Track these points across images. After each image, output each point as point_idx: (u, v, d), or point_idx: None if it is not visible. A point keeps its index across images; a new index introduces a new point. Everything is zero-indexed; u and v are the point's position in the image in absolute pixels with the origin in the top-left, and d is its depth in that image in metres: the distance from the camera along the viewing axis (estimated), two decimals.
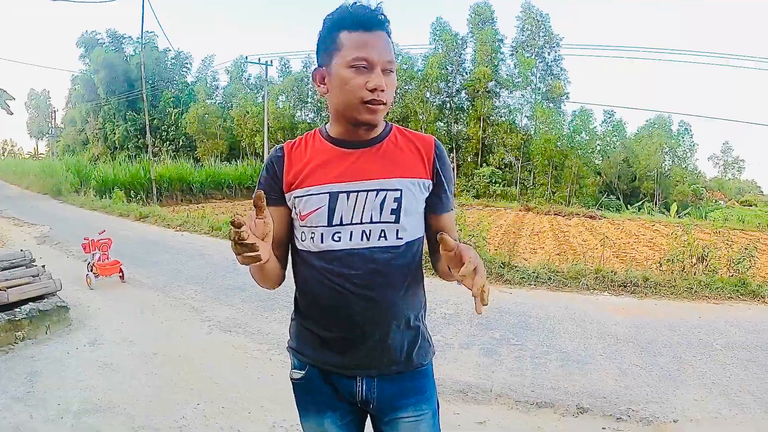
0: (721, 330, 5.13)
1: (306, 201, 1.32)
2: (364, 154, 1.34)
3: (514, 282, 6.89)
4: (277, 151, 1.41)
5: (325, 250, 1.31)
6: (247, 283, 6.47)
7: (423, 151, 1.39)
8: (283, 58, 39.50)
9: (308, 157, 1.37)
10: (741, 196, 42.32)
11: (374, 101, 1.25)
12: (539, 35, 32.97)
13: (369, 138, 1.36)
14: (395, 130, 1.41)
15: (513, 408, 3.46)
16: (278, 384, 3.67)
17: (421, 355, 1.44)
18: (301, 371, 1.44)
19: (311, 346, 1.42)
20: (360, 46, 1.24)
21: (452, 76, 34.42)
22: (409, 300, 1.38)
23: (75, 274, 6.41)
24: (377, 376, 1.39)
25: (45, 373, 3.71)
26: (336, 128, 1.37)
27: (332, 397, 1.42)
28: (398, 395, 1.41)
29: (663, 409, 3.45)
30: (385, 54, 1.25)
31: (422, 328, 1.46)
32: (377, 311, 1.32)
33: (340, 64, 1.27)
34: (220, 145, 38.16)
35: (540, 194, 30.27)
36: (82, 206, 15.84)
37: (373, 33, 1.25)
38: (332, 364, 1.39)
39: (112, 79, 41.55)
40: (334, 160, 1.34)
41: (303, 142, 1.41)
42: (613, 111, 35.00)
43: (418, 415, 1.43)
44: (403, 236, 1.33)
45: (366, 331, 1.33)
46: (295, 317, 1.49)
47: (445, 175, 1.40)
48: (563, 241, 12.76)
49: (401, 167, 1.35)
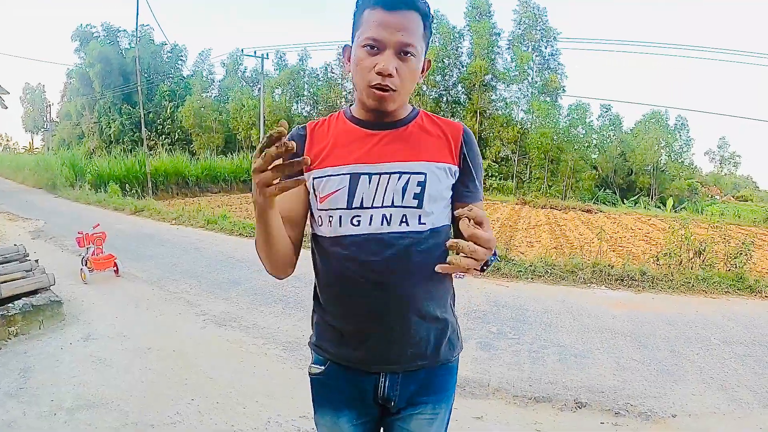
0: (719, 324, 5.13)
1: (326, 182, 1.26)
2: (387, 136, 1.29)
3: (511, 275, 6.88)
4: (299, 130, 1.36)
5: (343, 235, 1.25)
6: (242, 277, 6.45)
7: (450, 137, 1.33)
8: (279, 51, 39.32)
9: (330, 137, 1.32)
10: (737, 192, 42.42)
11: (379, 86, 1.19)
12: (536, 29, 32.93)
13: (393, 120, 1.30)
14: (422, 114, 1.36)
15: (511, 403, 3.45)
16: (274, 379, 3.65)
17: (448, 349, 1.39)
18: (321, 366, 1.40)
19: (332, 342, 1.37)
20: (375, 26, 1.18)
21: (449, 69, 34.38)
22: (432, 290, 1.31)
23: (69, 269, 6.37)
24: (401, 372, 1.33)
25: (38, 368, 3.67)
26: (359, 109, 1.32)
27: (350, 396, 1.37)
28: (420, 392, 1.36)
29: (661, 404, 3.44)
30: (402, 36, 1.17)
31: (451, 321, 1.40)
32: (396, 301, 1.26)
33: (357, 44, 1.23)
34: (216, 139, 38.00)
35: (536, 188, 30.29)
36: (77, 200, 15.74)
37: (395, 12, 1.17)
38: (354, 360, 1.34)
39: (108, 72, 41.26)
40: (356, 141, 1.28)
41: (326, 123, 1.36)
42: (610, 105, 35.02)
43: (434, 414, 1.39)
44: (426, 222, 1.26)
45: (386, 322, 1.27)
46: (316, 311, 1.44)
47: (473, 163, 1.34)
48: (560, 234, 12.76)
49: (426, 151, 1.29)
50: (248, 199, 19.29)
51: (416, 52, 1.21)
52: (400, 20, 1.17)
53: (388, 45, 1.18)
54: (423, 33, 1.22)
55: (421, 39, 1.22)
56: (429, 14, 1.22)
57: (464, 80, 33.76)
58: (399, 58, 1.19)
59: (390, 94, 1.20)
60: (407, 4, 1.18)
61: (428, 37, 1.26)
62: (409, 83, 1.24)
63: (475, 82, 32.50)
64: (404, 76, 1.21)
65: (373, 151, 1.27)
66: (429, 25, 1.24)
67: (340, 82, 37.39)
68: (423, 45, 1.24)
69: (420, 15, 1.20)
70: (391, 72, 1.17)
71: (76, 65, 45.45)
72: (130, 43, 42.45)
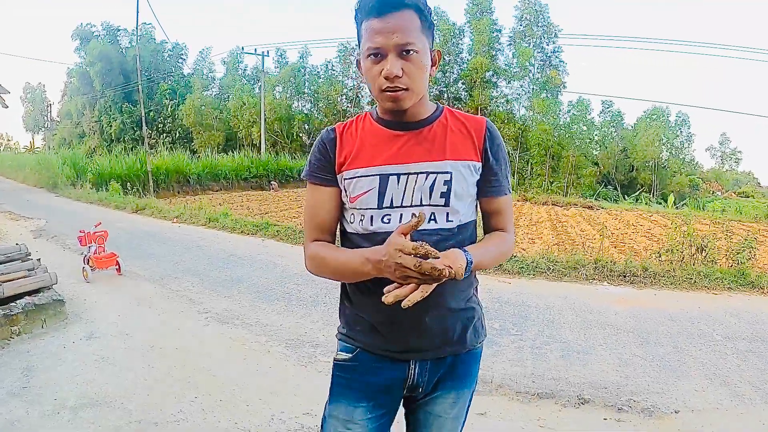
0: (721, 320, 5.12)
1: (356, 183, 1.32)
2: (414, 137, 1.33)
3: (513, 272, 6.88)
4: (329, 133, 1.40)
5: (374, 232, 1.31)
6: (244, 275, 6.45)
7: (473, 133, 1.37)
8: (280, 48, 39.34)
9: (359, 138, 1.36)
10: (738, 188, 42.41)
11: (390, 89, 1.23)
12: (538, 25, 32.88)
13: (417, 120, 1.34)
14: (446, 111, 1.40)
15: (514, 399, 3.45)
16: (277, 376, 3.65)
17: (474, 337, 1.45)
18: (350, 353, 1.43)
19: (363, 331, 1.41)
20: (371, 35, 1.22)
21: (449, 66, 34.35)
22: (459, 283, 1.34)
23: (71, 268, 6.38)
24: (431, 359, 1.39)
25: (41, 367, 3.67)
26: (383, 112, 1.36)
27: (373, 386, 1.40)
28: (446, 377, 1.42)
29: (664, 400, 3.44)
30: (398, 37, 1.20)
31: (477, 309, 1.47)
32: (428, 296, 1.28)
33: (363, 55, 1.27)
34: (216, 137, 38.01)
35: (537, 184, 30.27)
36: (78, 199, 15.75)
37: (387, 17, 1.20)
38: (384, 348, 1.38)
39: (108, 71, 41.28)
40: (384, 143, 1.33)
41: (354, 124, 1.41)
42: (611, 102, 35.01)
43: (458, 397, 1.46)
44: (454, 219, 1.33)
45: (416, 315, 1.31)
46: (346, 305, 1.47)
47: (496, 157, 1.39)
48: (561, 231, 12.74)
49: (451, 150, 1.33)
50: (249, 197, 19.30)
51: (417, 48, 1.23)
52: (394, 23, 1.20)
53: (388, 50, 1.21)
54: (421, 28, 1.24)
55: (420, 33, 1.24)
56: (422, 7, 1.24)
57: (465, 77, 33.73)
58: (402, 58, 1.22)
59: (402, 93, 1.24)
60: (396, 4, 1.20)
61: (429, 29, 1.28)
62: (419, 79, 1.26)
63: (476, 78, 32.48)
64: (412, 73, 1.23)
65: (400, 152, 1.32)
66: (426, 18, 1.26)
67: (341, 79, 37.36)
68: (424, 38, 1.26)
69: (413, 10, 1.22)
70: (397, 74, 1.21)
71: (77, 64, 45.51)
72: (131, 42, 42.47)
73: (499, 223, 1.44)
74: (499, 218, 1.44)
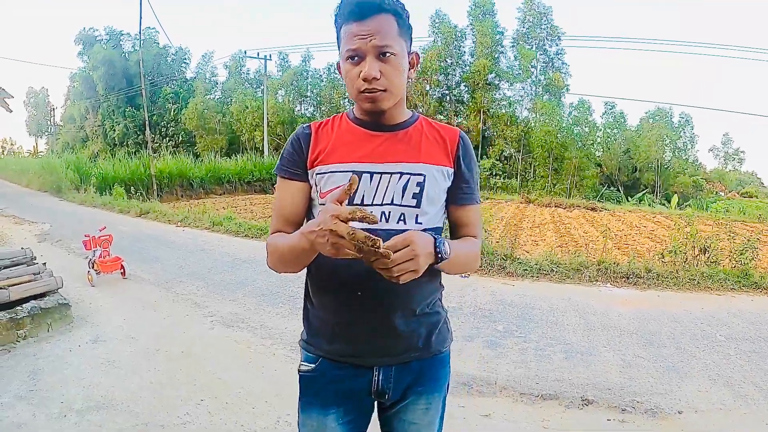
0: (724, 321, 5.13)
1: (328, 178, 1.31)
2: (389, 138, 1.35)
3: (517, 274, 6.89)
4: (304, 129, 1.41)
5: None
6: (248, 278, 6.47)
7: (447, 141, 1.39)
8: (282, 52, 39.36)
9: (334, 136, 1.37)
10: (742, 188, 42.27)
11: (368, 90, 1.25)
12: (541, 27, 32.88)
13: (394, 123, 1.36)
14: (422, 119, 1.42)
15: (518, 400, 3.46)
16: (282, 379, 3.66)
17: (440, 341, 1.44)
18: (312, 364, 1.42)
19: (325, 338, 1.40)
20: (350, 38, 1.24)
21: (452, 68, 34.36)
22: (424, 286, 1.36)
23: (76, 272, 6.41)
24: (395, 365, 1.38)
25: (47, 370, 3.70)
26: (360, 113, 1.38)
27: (340, 393, 1.39)
28: (415, 384, 1.41)
29: (667, 401, 3.45)
30: (376, 39, 1.22)
31: (442, 314, 1.46)
32: (390, 297, 1.31)
33: (342, 58, 1.29)
34: (219, 141, 38.09)
35: (540, 186, 30.24)
36: (82, 203, 15.81)
37: (365, 20, 1.22)
38: (347, 354, 1.37)
39: (111, 75, 41.45)
40: (359, 141, 1.34)
41: (330, 123, 1.42)
42: (614, 103, 34.93)
43: (428, 403, 1.44)
44: (423, 221, 1.32)
45: (378, 317, 1.32)
46: (308, 308, 1.46)
47: (467, 166, 1.40)
48: (564, 233, 12.75)
49: (425, 154, 1.35)
50: (253, 200, 19.33)
51: (395, 50, 1.25)
52: (372, 26, 1.22)
53: (366, 52, 1.23)
54: (399, 31, 1.27)
55: (398, 36, 1.26)
56: (400, 11, 1.26)
57: (467, 79, 33.68)
58: (380, 61, 1.24)
59: (380, 95, 1.26)
60: (373, 8, 1.22)
61: (407, 32, 1.31)
62: (397, 80, 1.28)
63: (479, 81, 32.43)
64: (389, 74, 1.25)
65: (375, 151, 1.33)
66: (404, 22, 1.28)
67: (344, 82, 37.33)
68: (403, 41, 1.28)
69: (391, 14, 1.25)
70: (375, 75, 1.23)
71: (80, 69, 45.70)
72: (134, 46, 42.63)
73: (469, 231, 1.44)
74: (469, 227, 1.44)
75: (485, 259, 7.15)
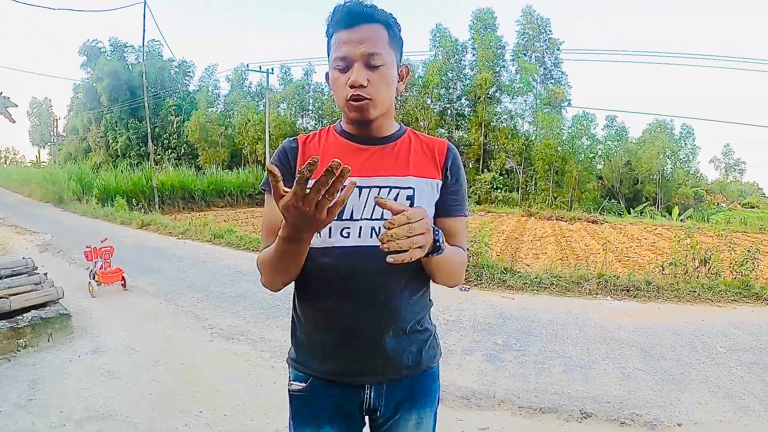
0: (725, 333, 5.12)
1: None
2: (378, 152, 1.34)
3: (517, 287, 6.88)
4: (291, 142, 1.40)
5: (332, 246, 1.27)
6: (249, 291, 6.48)
7: (436, 153, 1.38)
8: (284, 65, 39.59)
9: (321, 149, 1.36)
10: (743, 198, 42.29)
11: (353, 97, 1.24)
12: (540, 40, 33.04)
13: (382, 136, 1.36)
14: (410, 132, 1.42)
15: (516, 414, 3.45)
16: (281, 391, 3.64)
17: (429, 357, 1.43)
18: (303, 383, 1.40)
19: (314, 357, 1.38)
20: (339, 46, 1.24)
21: (452, 82, 34.46)
22: (416, 302, 1.36)
23: (77, 282, 6.43)
24: (386, 382, 1.37)
25: (47, 380, 3.71)
26: (347, 124, 1.37)
27: (332, 411, 1.38)
28: (406, 400, 1.40)
29: (667, 413, 3.44)
30: (364, 47, 1.22)
31: (431, 329, 1.45)
32: (382, 314, 1.30)
33: (330, 66, 1.29)
34: (221, 153, 38.21)
35: (542, 199, 30.23)
36: (84, 214, 15.86)
37: (355, 28, 1.23)
38: (338, 373, 1.35)
39: (115, 87, 41.69)
40: (348, 155, 1.31)
41: (317, 136, 1.41)
42: (615, 116, 35.05)
43: (420, 418, 1.43)
44: None
45: (370, 335, 1.31)
46: (297, 326, 1.43)
47: (455, 178, 1.39)
48: (565, 246, 12.74)
49: (414, 166, 1.34)
50: (254, 213, 19.35)
51: (384, 60, 1.25)
52: (361, 34, 1.23)
53: (354, 59, 1.23)
54: (389, 41, 1.27)
55: (388, 47, 1.27)
56: (391, 23, 1.27)
57: (468, 93, 33.81)
58: (369, 69, 1.24)
59: (366, 103, 1.25)
60: (365, 17, 1.23)
61: (397, 44, 1.31)
62: (384, 90, 1.27)
63: (480, 94, 32.51)
64: (376, 84, 1.25)
65: (364, 165, 1.31)
66: (395, 34, 1.29)
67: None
68: (392, 52, 1.28)
69: (382, 25, 1.25)
70: (362, 83, 1.22)
71: (83, 80, 45.99)
72: (137, 58, 42.93)
73: (456, 242, 1.39)
74: (456, 237, 1.39)
75: (485, 272, 7.14)
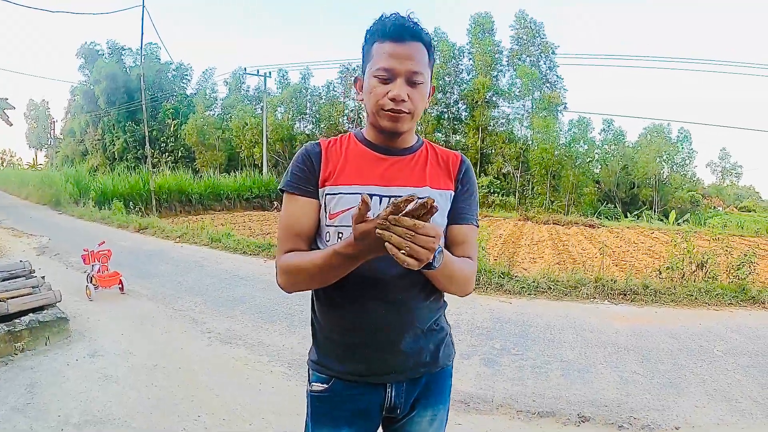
0: (722, 336, 5.14)
1: (339, 199, 1.33)
2: (398, 162, 1.38)
3: (514, 292, 6.89)
4: (315, 146, 1.42)
5: None
6: (246, 295, 6.47)
7: (450, 165, 1.44)
8: (282, 69, 39.59)
9: (344, 156, 1.39)
10: (739, 202, 42.34)
11: (394, 110, 1.28)
12: (534, 44, 33.15)
13: (402, 147, 1.40)
14: (426, 144, 1.47)
15: (515, 418, 3.46)
16: (279, 395, 3.66)
17: (445, 355, 1.50)
18: (325, 384, 1.43)
19: (336, 358, 1.42)
20: (385, 57, 1.28)
21: (449, 86, 34.50)
22: (432, 304, 1.41)
23: (74, 286, 6.41)
24: (407, 381, 1.42)
25: (45, 384, 3.70)
26: (371, 133, 1.41)
27: (351, 412, 1.42)
28: (422, 397, 1.45)
29: (664, 417, 3.45)
30: (411, 65, 1.27)
31: (446, 329, 1.52)
32: (401, 315, 1.35)
33: (369, 74, 1.33)
34: (218, 157, 38.19)
35: (539, 204, 30.26)
36: (81, 217, 15.81)
37: (403, 44, 1.27)
38: (361, 373, 1.40)
39: (113, 90, 41.63)
40: (369, 164, 1.37)
41: (338, 142, 1.44)
42: (612, 120, 35.13)
43: (435, 414, 1.49)
44: None
45: (390, 336, 1.36)
46: (318, 329, 1.47)
47: (466, 188, 1.44)
48: (562, 250, 12.75)
49: (430, 178, 1.39)
50: (251, 217, 19.33)
51: (424, 79, 1.31)
52: (408, 50, 1.28)
53: (398, 74, 1.28)
54: (428, 62, 1.33)
55: (427, 67, 1.33)
56: (431, 44, 1.33)
57: (466, 97, 33.88)
58: (409, 85, 1.29)
59: (404, 116, 1.30)
60: (413, 35, 1.28)
61: (432, 64, 1.37)
62: (420, 106, 1.33)
63: (477, 98, 32.57)
64: (415, 100, 1.31)
65: (385, 174, 1.36)
66: (432, 55, 1.35)
67: (342, 100, 37.61)
68: (428, 72, 1.34)
69: (424, 45, 1.31)
70: (404, 98, 1.28)
71: (80, 82, 45.94)
72: (135, 61, 42.91)
73: (465, 251, 1.41)
74: (465, 246, 1.41)
75: (483, 276, 7.15)
